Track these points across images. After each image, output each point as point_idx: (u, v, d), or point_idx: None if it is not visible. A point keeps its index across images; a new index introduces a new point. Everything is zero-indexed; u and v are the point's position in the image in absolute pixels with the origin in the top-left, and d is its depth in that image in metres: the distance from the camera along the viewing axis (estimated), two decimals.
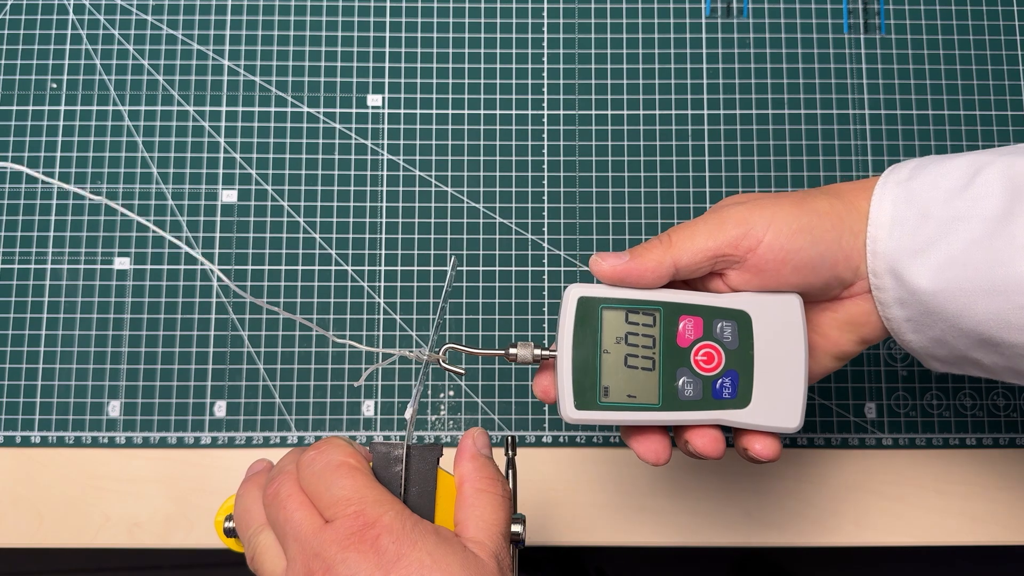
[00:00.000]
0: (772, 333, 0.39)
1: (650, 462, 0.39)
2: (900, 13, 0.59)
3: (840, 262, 0.38)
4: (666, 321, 0.38)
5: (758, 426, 0.38)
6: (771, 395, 0.38)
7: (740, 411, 0.38)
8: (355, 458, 0.35)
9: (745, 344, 0.39)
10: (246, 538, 0.36)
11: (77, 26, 0.59)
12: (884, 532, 0.54)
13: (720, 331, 0.39)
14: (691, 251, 0.38)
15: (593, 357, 0.38)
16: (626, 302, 0.38)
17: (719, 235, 0.38)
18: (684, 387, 0.38)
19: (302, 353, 0.55)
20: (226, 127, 0.58)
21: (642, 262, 0.38)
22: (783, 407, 0.38)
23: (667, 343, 0.38)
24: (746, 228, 0.37)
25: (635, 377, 0.38)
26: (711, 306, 0.39)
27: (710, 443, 0.39)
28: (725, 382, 0.38)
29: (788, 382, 0.39)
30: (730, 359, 0.38)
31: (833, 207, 0.38)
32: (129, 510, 0.53)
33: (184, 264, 0.56)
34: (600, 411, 0.38)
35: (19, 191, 0.57)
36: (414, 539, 0.32)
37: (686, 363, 0.38)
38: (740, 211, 0.38)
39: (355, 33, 0.59)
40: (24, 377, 0.55)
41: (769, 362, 0.39)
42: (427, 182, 0.57)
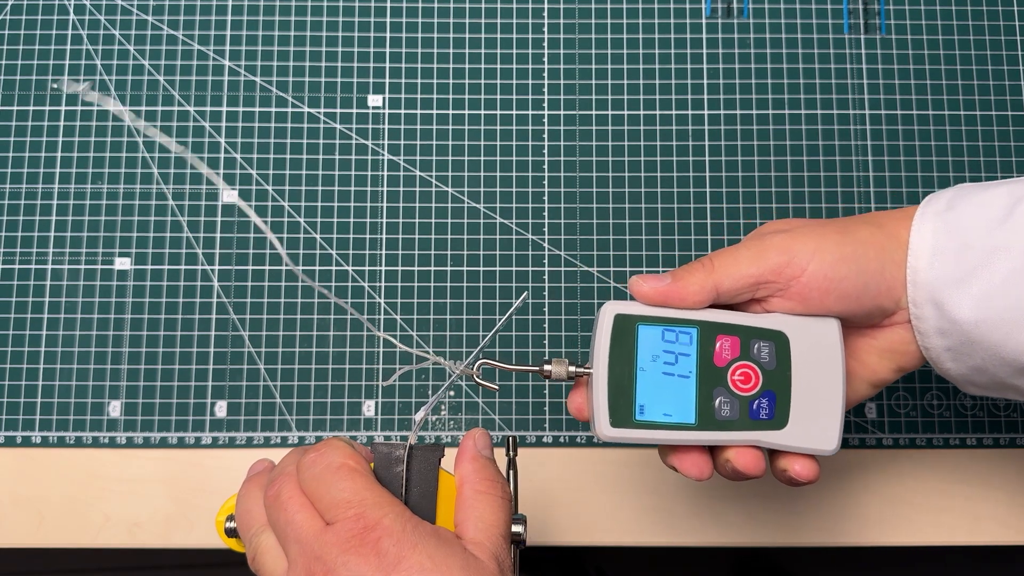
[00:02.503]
0: (810, 355, 0.38)
1: (693, 478, 0.39)
2: (900, 13, 0.59)
3: (883, 292, 0.38)
4: (703, 340, 0.38)
5: (794, 448, 0.38)
6: (808, 417, 0.38)
7: (777, 432, 0.38)
8: (355, 459, 0.35)
9: (783, 365, 0.38)
10: (247, 538, 0.36)
11: (77, 26, 0.59)
12: (884, 532, 0.54)
13: (758, 351, 0.38)
14: (733, 276, 0.38)
15: (629, 375, 0.38)
16: (663, 320, 0.38)
17: (761, 262, 0.37)
18: (721, 407, 0.38)
19: (303, 353, 0.55)
20: (226, 127, 0.58)
21: (684, 285, 0.38)
22: (820, 429, 0.38)
23: (704, 362, 0.38)
24: (789, 256, 0.37)
25: (672, 396, 0.38)
26: (749, 326, 0.38)
27: (752, 462, 0.38)
28: (762, 402, 0.38)
29: (825, 404, 0.38)
30: (767, 380, 0.38)
31: (875, 236, 0.38)
32: (129, 510, 0.53)
33: (184, 264, 0.56)
34: (635, 429, 0.38)
35: (19, 191, 0.57)
36: (414, 541, 0.32)
37: (723, 383, 0.38)
38: (783, 239, 0.38)
39: (355, 33, 0.59)
40: (25, 377, 0.55)
41: (806, 384, 0.38)
42: (427, 182, 0.57)
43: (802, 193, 0.57)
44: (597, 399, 0.38)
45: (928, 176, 0.57)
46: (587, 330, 0.56)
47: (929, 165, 0.57)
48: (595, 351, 0.38)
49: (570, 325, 0.56)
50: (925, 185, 0.57)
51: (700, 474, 0.39)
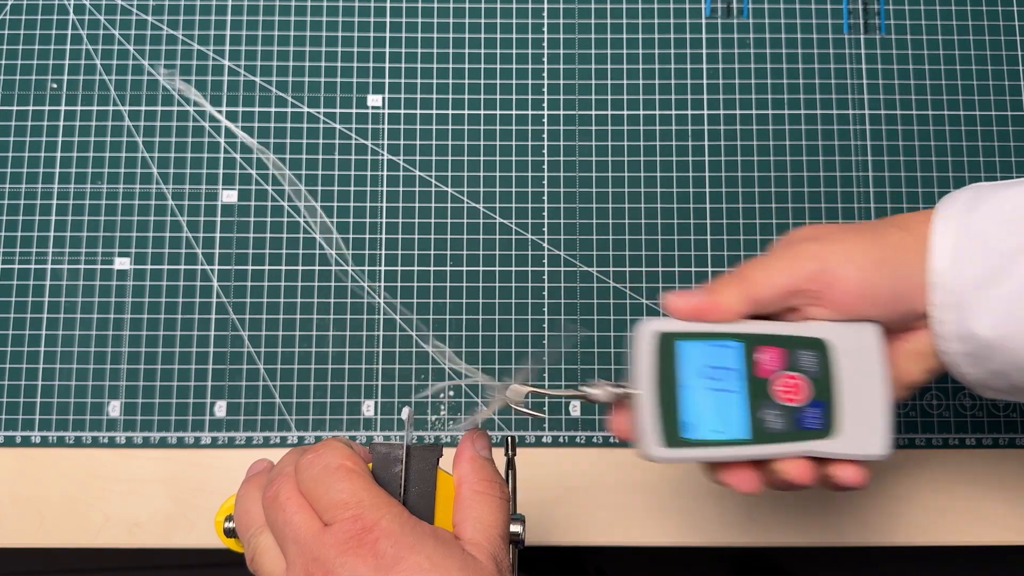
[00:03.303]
0: (852, 361, 0.38)
1: (744, 492, 0.39)
2: (900, 13, 0.59)
3: (916, 296, 0.37)
4: (745, 353, 0.38)
5: (846, 455, 0.38)
6: (856, 423, 0.38)
7: (828, 441, 0.38)
8: (353, 460, 0.35)
9: (826, 373, 0.38)
10: (246, 539, 0.36)
11: (77, 26, 0.59)
12: (884, 532, 0.54)
13: (801, 360, 0.38)
14: (767, 287, 0.38)
15: (674, 393, 0.37)
16: (703, 335, 0.38)
17: (795, 271, 0.37)
18: (770, 419, 0.37)
19: (302, 353, 0.55)
20: (226, 127, 0.58)
21: (718, 299, 0.38)
22: (869, 434, 0.38)
23: (749, 375, 0.38)
24: (822, 264, 0.37)
25: (721, 411, 0.37)
26: (789, 335, 0.38)
27: (804, 472, 0.38)
28: (811, 412, 0.38)
29: (871, 409, 0.38)
30: (814, 388, 0.38)
31: (904, 240, 0.38)
32: (129, 510, 0.53)
33: (184, 264, 0.56)
34: (686, 448, 0.37)
35: (19, 191, 0.57)
36: (412, 542, 0.32)
37: (770, 394, 0.38)
38: (815, 247, 0.38)
39: (355, 33, 0.59)
40: (24, 377, 0.55)
41: (851, 390, 0.38)
42: (427, 182, 0.57)
43: (802, 193, 0.57)
44: (644, 420, 0.37)
45: (928, 176, 0.57)
46: (587, 329, 0.56)
47: (928, 165, 0.57)
48: (637, 371, 0.38)
49: (570, 325, 0.56)
50: (924, 185, 0.57)
51: (752, 488, 0.38)
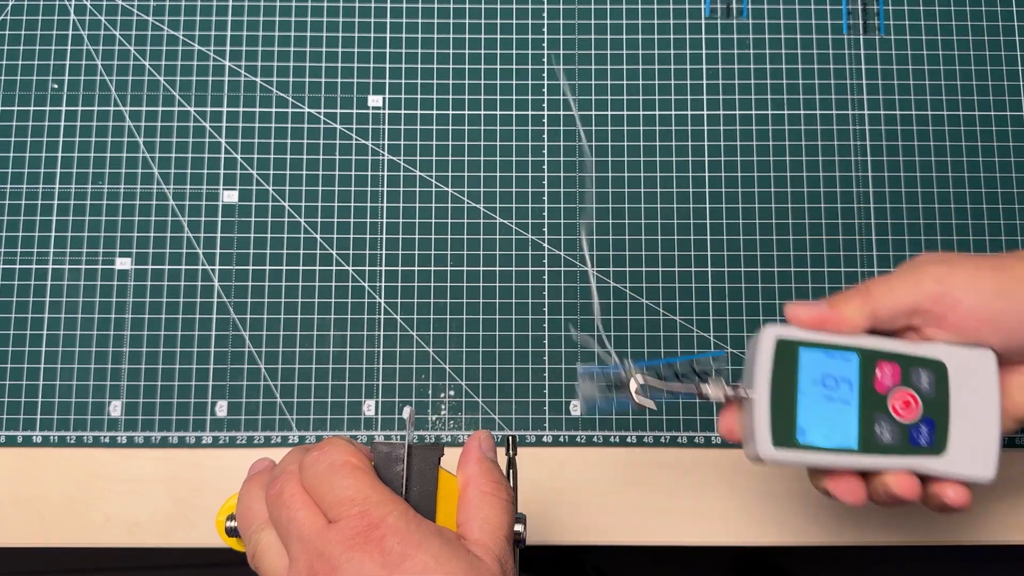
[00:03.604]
0: (967, 384, 0.39)
1: (849, 503, 0.39)
2: (899, 14, 0.59)
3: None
4: (864, 366, 0.39)
5: (952, 475, 0.39)
6: (965, 444, 0.39)
7: (936, 459, 0.39)
8: (358, 458, 0.35)
9: (941, 393, 0.39)
10: (247, 536, 0.36)
11: (78, 27, 0.59)
12: (884, 531, 0.54)
13: (917, 379, 0.39)
14: (889, 304, 0.39)
15: (790, 398, 0.39)
16: (825, 345, 0.39)
17: (917, 291, 0.38)
18: (882, 432, 0.39)
19: (303, 353, 0.55)
20: (227, 127, 0.58)
21: (841, 311, 0.39)
22: (977, 456, 0.39)
23: (865, 388, 0.39)
24: (945, 287, 0.38)
25: (833, 420, 0.39)
26: (908, 354, 0.39)
27: (909, 487, 0.39)
28: (922, 429, 0.39)
29: (982, 432, 0.39)
30: (927, 407, 0.39)
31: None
32: (130, 510, 0.53)
33: (185, 264, 0.56)
34: (797, 451, 0.38)
35: (20, 191, 0.57)
36: (419, 540, 0.32)
37: (883, 409, 0.39)
38: (939, 269, 0.39)
39: (355, 34, 0.59)
40: (25, 377, 0.55)
41: (964, 412, 0.39)
42: (427, 182, 0.57)
43: (801, 193, 0.57)
44: (758, 421, 0.39)
45: (927, 176, 0.57)
46: (587, 330, 0.56)
47: (928, 165, 0.57)
48: (755, 373, 0.39)
49: (570, 325, 0.56)
50: (924, 185, 0.57)
51: (856, 499, 0.39)
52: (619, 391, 0.41)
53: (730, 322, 0.56)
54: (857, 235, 0.57)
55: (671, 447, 0.55)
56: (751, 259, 0.56)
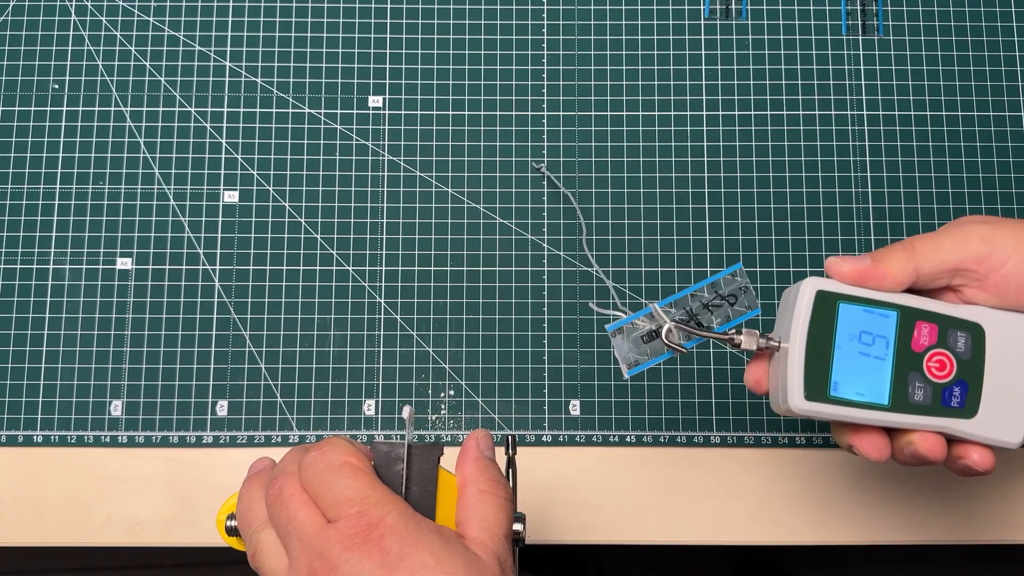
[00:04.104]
0: (1004, 348, 0.39)
1: (872, 459, 0.39)
2: (898, 15, 0.59)
3: None
4: (902, 324, 0.39)
5: (980, 438, 0.39)
6: (997, 409, 0.39)
7: (965, 421, 0.39)
8: (357, 458, 0.35)
9: (977, 356, 0.39)
10: (247, 536, 0.36)
11: (79, 27, 0.59)
12: (884, 531, 0.54)
13: (954, 340, 0.39)
14: (934, 261, 0.38)
15: (826, 351, 0.39)
16: (864, 301, 0.39)
17: (963, 250, 0.38)
18: (914, 391, 0.39)
19: (303, 353, 0.55)
20: (227, 128, 0.58)
21: (884, 266, 0.39)
22: (1007, 422, 0.39)
23: (901, 346, 0.39)
24: (992, 247, 0.38)
25: (866, 375, 0.39)
26: (948, 315, 0.39)
27: (935, 446, 0.39)
28: (955, 391, 0.39)
29: (1015, 398, 0.39)
30: (962, 369, 0.39)
31: None
32: (131, 509, 0.54)
33: (186, 264, 0.56)
34: (828, 404, 0.38)
35: (21, 191, 0.57)
36: (417, 539, 0.33)
37: (918, 368, 0.39)
38: (985, 229, 0.39)
39: (356, 35, 0.59)
40: (26, 377, 0.55)
41: (998, 377, 0.39)
42: (427, 182, 0.57)
43: (800, 193, 0.57)
44: (791, 372, 0.38)
45: (926, 176, 0.57)
46: (587, 329, 0.56)
47: (927, 166, 0.57)
48: (792, 324, 0.39)
49: (569, 325, 0.56)
50: (923, 186, 0.57)
51: (880, 455, 0.39)
52: (653, 339, 0.41)
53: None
54: (856, 235, 0.57)
55: (671, 447, 0.55)
56: (750, 259, 0.56)
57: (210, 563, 1.03)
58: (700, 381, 0.55)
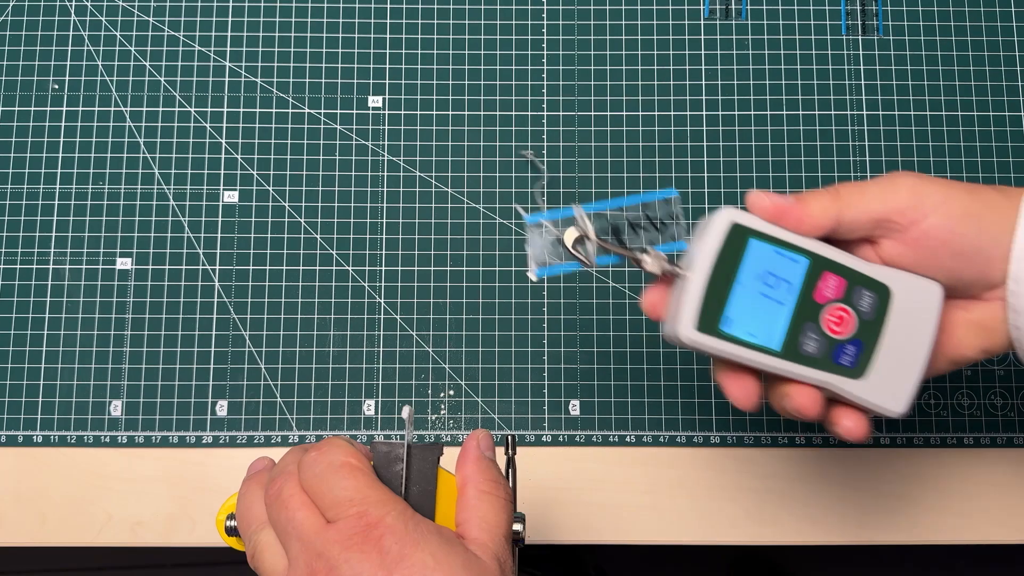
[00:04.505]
0: (906, 315, 0.38)
1: (740, 405, 0.38)
2: (898, 15, 0.59)
3: (995, 259, 0.37)
4: (810, 272, 0.37)
5: (864, 401, 0.38)
6: (887, 374, 0.38)
7: (853, 381, 0.37)
8: (356, 458, 0.35)
9: (879, 318, 0.38)
10: (247, 536, 0.36)
11: (79, 27, 0.59)
12: (884, 531, 0.54)
13: (859, 298, 0.38)
14: (857, 208, 0.37)
15: (727, 285, 0.37)
16: (777, 241, 0.37)
17: (889, 199, 0.37)
18: (807, 342, 0.37)
19: (303, 353, 0.55)
20: (227, 128, 0.58)
21: (805, 207, 0.37)
22: (893, 389, 0.38)
23: (804, 294, 0.37)
24: (918, 199, 0.36)
25: (762, 317, 0.37)
26: (858, 271, 0.38)
27: (810, 403, 0.38)
28: (848, 349, 0.38)
29: (906, 366, 0.38)
30: (860, 328, 0.38)
31: (1000, 202, 0.37)
32: (131, 509, 0.54)
33: (185, 264, 0.56)
34: (717, 339, 0.37)
35: (21, 191, 0.57)
36: (417, 540, 0.33)
37: (816, 319, 0.37)
38: (915, 182, 0.37)
39: (356, 35, 0.59)
40: (26, 377, 0.55)
41: (895, 342, 0.38)
42: (427, 183, 0.57)
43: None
44: (687, 301, 0.37)
45: None
46: (587, 330, 0.56)
47: (926, 166, 0.57)
48: (696, 253, 0.37)
49: (569, 325, 0.56)
50: None
51: (746, 400, 0.38)
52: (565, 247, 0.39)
53: None
54: None
55: (671, 447, 0.55)
56: None
57: (210, 563, 1.03)
58: (700, 381, 0.55)
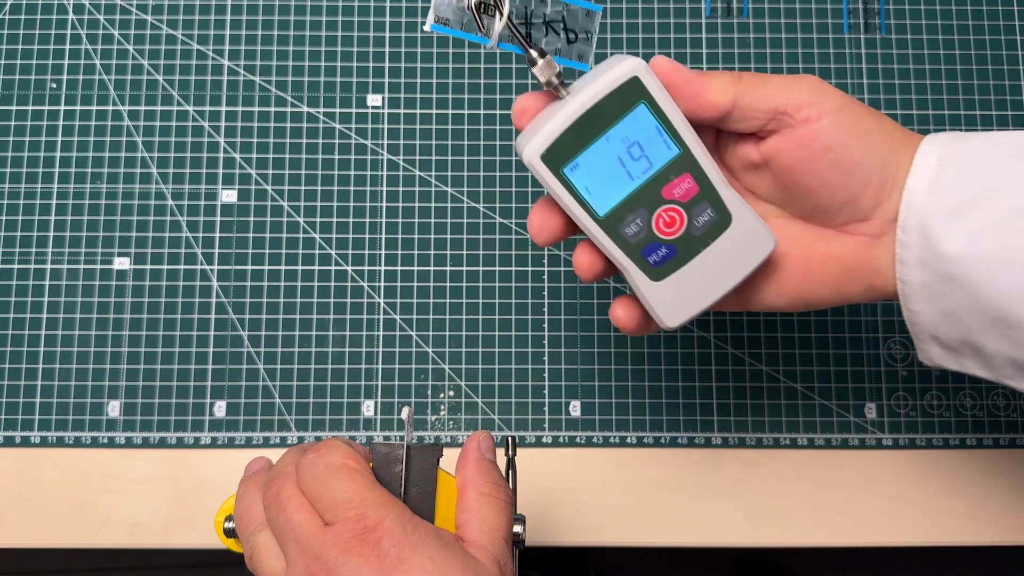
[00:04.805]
0: (730, 250, 0.37)
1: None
2: (900, 13, 0.59)
3: (872, 186, 0.36)
4: (673, 164, 0.36)
5: (647, 301, 0.38)
6: (679, 291, 0.38)
7: (645, 279, 0.37)
8: (355, 460, 0.35)
9: (706, 238, 0.37)
10: (245, 538, 0.36)
11: (77, 26, 0.59)
12: (884, 532, 0.54)
13: (700, 212, 0.37)
14: (756, 94, 0.36)
15: (594, 133, 0.36)
16: (664, 119, 0.36)
17: (789, 92, 0.36)
18: (629, 224, 0.37)
19: (302, 353, 0.55)
20: (226, 127, 0.58)
21: (706, 80, 0.36)
22: (677, 306, 0.38)
23: (655, 181, 0.36)
24: (818, 98, 0.36)
25: (606, 181, 0.36)
26: (715, 189, 0.37)
27: (590, 266, 0.38)
28: (661, 251, 0.37)
29: (699, 293, 0.38)
30: (682, 240, 0.37)
31: (898, 138, 0.37)
32: (129, 510, 0.53)
33: (184, 264, 0.56)
34: (554, 176, 0.36)
35: (19, 191, 0.57)
36: (415, 543, 0.32)
37: (650, 210, 0.37)
38: (818, 82, 0.36)
39: (355, 33, 0.59)
40: (24, 377, 0.55)
41: (704, 267, 0.37)
42: (427, 182, 0.57)
43: None
44: (549, 127, 0.35)
45: None
46: (587, 330, 0.56)
47: None
48: (585, 87, 0.35)
49: (570, 325, 0.56)
50: None
51: (543, 235, 0.38)
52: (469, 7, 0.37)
53: (730, 322, 0.56)
54: None
55: (671, 447, 0.54)
56: None
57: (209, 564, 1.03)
58: (700, 382, 0.55)
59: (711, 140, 0.39)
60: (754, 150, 0.38)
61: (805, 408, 0.55)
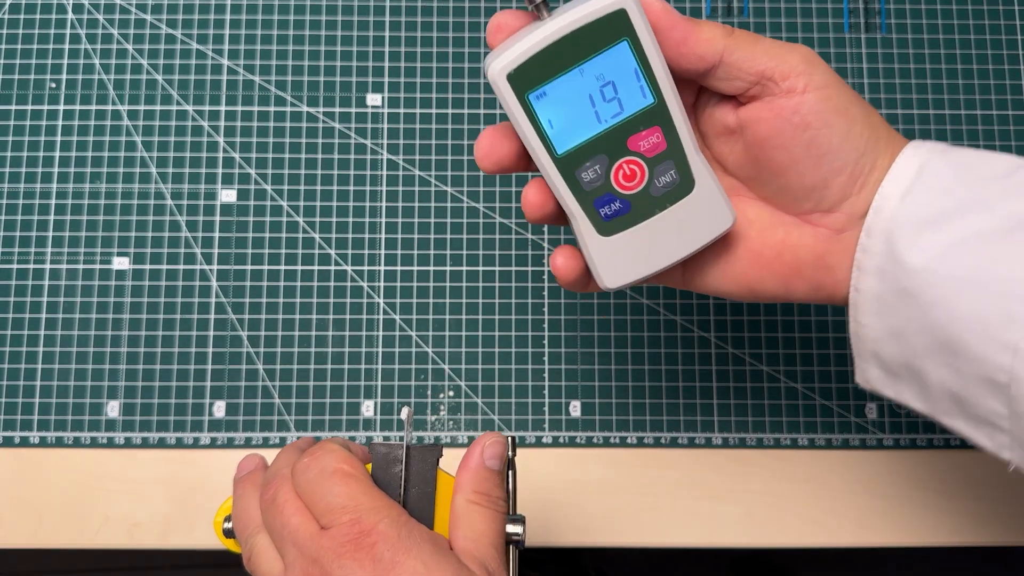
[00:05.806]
0: (685, 219, 0.36)
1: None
2: (901, 12, 0.59)
3: (844, 175, 0.35)
4: (645, 115, 0.34)
5: (589, 256, 0.36)
6: (625, 252, 0.36)
7: (592, 232, 0.36)
8: (350, 463, 0.35)
9: (664, 201, 0.35)
10: (243, 539, 0.36)
11: (76, 25, 0.59)
12: (884, 533, 0.54)
13: (664, 171, 0.35)
14: (745, 54, 0.34)
15: (567, 63, 0.33)
16: (645, 63, 0.33)
17: (779, 57, 0.34)
18: (587, 170, 0.35)
19: (301, 353, 0.55)
20: (225, 127, 0.58)
21: (696, 28, 0.34)
22: (619, 267, 0.36)
23: (623, 129, 0.34)
24: (807, 69, 0.34)
25: (571, 118, 0.34)
26: (684, 151, 0.35)
27: (538, 205, 0.36)
28: (614, 205, 0.35)
29: (645, 259, 0.36)
30: (638, 197, 0.35)
31: (882, 135, 0.35)
32: (128, 510, 0.53)
33: (183, 264, 0.56)
34: (518, 102, 0.33)
35: (18, 190, 0.57)
36: (409, 547, 0.33)
37: (613, 159, 0.35)
38: (811, 53, 0.35)
39: (355, 32, 0.59)
40: (23, 377, 0.55)
41: (655, 232, 0.36)
42: (427, 182, 0.57)
43: None
44: (521, 47, 0.33)
45: None
46: (587, 330, 0.55)
47: None
48: (567, 11, 0.33)
49: (570, 325, 0.56)
50: None
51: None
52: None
53: (730, 322, 0.55)
54: None
55: (671, 447, 0.54)
56: None
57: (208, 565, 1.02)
58: (701, 382, 0.55)
59: (690, 100, 0.37)
60: (732, 114, 0.36)
61: (805, 408, 0.55)
